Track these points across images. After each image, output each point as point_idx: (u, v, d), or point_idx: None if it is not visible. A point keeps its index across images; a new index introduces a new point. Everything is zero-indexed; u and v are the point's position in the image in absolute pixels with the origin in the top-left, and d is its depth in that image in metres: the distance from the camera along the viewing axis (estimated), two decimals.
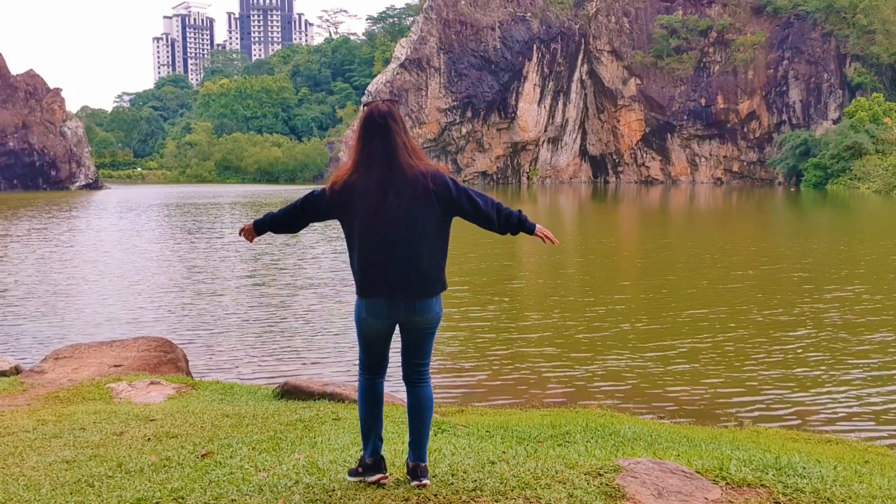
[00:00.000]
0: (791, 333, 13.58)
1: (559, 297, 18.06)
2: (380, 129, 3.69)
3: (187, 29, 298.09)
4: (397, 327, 3.90)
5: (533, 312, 16.12)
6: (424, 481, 3.80)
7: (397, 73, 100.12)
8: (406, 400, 3.96)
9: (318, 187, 3.90)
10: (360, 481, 3.87)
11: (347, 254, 3.87)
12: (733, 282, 19.51)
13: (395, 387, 10.18)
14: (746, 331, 13.81)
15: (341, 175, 3.76)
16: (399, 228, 3.66)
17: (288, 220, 3.96)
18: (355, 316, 3.85)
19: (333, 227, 37.42)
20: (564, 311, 16.07)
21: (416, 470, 3.83)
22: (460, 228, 4.04)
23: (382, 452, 3.95)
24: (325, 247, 28.74)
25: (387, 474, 3.86)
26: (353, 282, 3.85)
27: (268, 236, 32.91)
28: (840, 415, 9.27)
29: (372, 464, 3.86)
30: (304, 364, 11.84)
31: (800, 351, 12.32)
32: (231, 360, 12.15)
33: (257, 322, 15.03)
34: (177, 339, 12.10)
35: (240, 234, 4.07)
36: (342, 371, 11.38)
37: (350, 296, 17.82)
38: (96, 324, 15.01)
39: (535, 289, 19.48)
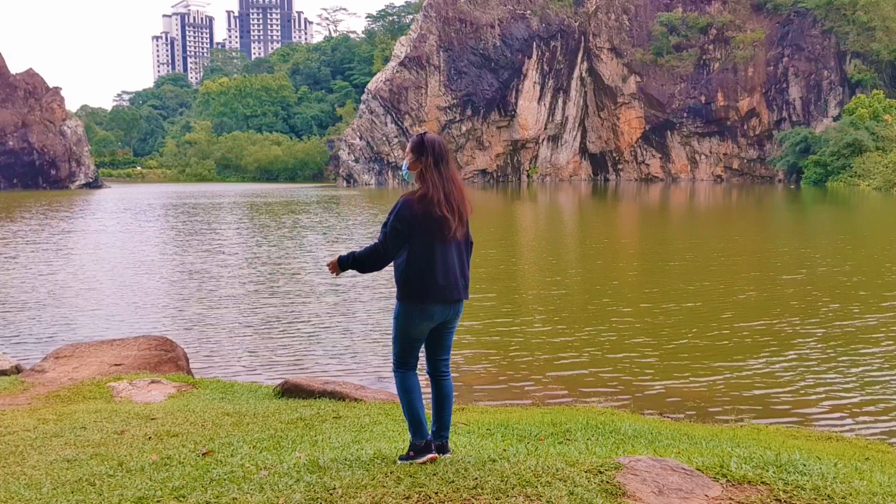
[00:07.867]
0: (791, 333, 13.58)
1: (564, 296, 18.06)
2: (444, 158, 4.34)
3: (187, 28, 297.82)
4: None
5: (535, 312, 16.11)
6: (448, 455, 4.44)
7: (397, 71, 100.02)
8: (431, 392, 4.48)
9: (398, 223, 4.27)
10: (411, 464, 4.26)
11: (404, 263, 4.31)
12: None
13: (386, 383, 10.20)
14: (747, 329, 13.81)
15: (424, 196, 4.26)
16: (457, 246, 4.39)
17: (375, 260, 4.42)
18: (403, 321, 4.35)
19: (334, 230, 37.40)
20: (567, 310, 16.07)
21: (444, 447, 4.46)
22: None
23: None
24: (326, 249, 28.74)
25: (436, 455, 4.36)
26: (402, 289, 4.32)
27: (264, 235, 33.04)
28: (841, 411, 9.27)
29: (424, 446, 4.37)
30: (305, 362, 11.84)
31: (800, 348, 12.32)
32: (231, 358, 12.14)
33: (258, 321, 15.03)
34: (177, 337, 12.09)
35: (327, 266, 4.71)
36: (342, 370, 11.38)
37: (348, 296, 17.83)
38: (97, 323, 15.01)
39: (542, 289, 19.46)
